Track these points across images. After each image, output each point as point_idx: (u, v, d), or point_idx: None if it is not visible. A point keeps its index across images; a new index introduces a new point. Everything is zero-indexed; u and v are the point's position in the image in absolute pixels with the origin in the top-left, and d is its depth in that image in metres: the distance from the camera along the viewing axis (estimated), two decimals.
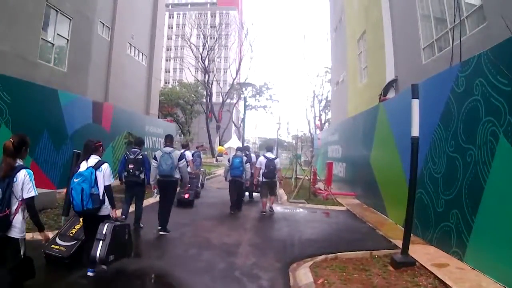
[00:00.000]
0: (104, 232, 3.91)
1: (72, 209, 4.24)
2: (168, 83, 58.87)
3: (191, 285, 4.18)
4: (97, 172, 4.07)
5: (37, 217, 3.17)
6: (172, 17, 73.08)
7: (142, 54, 22.80)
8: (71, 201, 4.02)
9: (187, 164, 7.31)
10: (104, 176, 4.11)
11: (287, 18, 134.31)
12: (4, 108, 7.11)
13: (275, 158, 8.95)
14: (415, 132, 4.77)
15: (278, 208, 9.71)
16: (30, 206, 3.07)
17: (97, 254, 3.84)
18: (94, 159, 4.18)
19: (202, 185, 12.14)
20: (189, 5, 71.64)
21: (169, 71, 70.66)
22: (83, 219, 4.30)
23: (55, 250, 4.35)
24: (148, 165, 6.51)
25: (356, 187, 11.51)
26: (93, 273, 4.04)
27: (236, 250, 5.52)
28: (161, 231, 6.28)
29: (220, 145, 36.86)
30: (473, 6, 8.67)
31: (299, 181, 12.59)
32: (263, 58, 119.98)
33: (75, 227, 4.62)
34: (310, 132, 41.27)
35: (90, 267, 4.04)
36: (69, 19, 13.68)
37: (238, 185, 8.76)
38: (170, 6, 73.21)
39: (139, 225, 6.52)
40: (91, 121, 10.37)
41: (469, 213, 4.89)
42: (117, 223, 4.17)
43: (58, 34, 13.22)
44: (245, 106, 18.78)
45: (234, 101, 44.87)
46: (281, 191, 12.71)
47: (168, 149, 6.41)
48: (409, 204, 4.83)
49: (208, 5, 71.91)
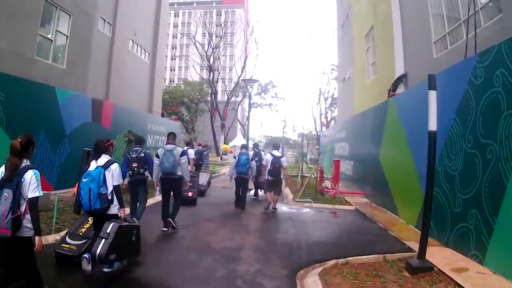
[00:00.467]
0: (108, 231, 3.90)
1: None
2: (173, 82, 58.73)
3: None
4: (106, 172, 4.07)
5: (38, 219, 3.13)
6: (178, 16, 72.91)
7: (145, 51, 22.50)
8: (80, 201, 4.08)
9: (189, 162, 7.21)
10: (113, 176, 4.11)
11: (293, 16, 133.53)
12: None
13: (281, 156, 8.99)
14: (433, 126, 4.40)
15: (284, 208, 9.40)
16: (33, 207, 3.07)
17: (97, 252, 3.81)
18: (104, 159, 4.19)
19: (209, 184, 12.11)
20: (195, 4, 71.34)
21: (174, 70, 70.54)
22: (93, 218, 4.34)
23: (66, 249, 4.42)
24: (151, 162, 6.55)
25: (365, 186, 11.14)
26: (109, 269, 4.07)
27: (238, 255, 5.18)
28: (164, 227, 6.36)
29: (225, 144, 36.59)
30: None
31: (305, 180, 12.26)
32: (269, 56, 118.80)
33: (84, 226, 4.69)
34: (316, 130, 40.94)
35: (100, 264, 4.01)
36: (69, 15, 13.41)
37: (243, 182, 8.91)
38: (176, 5, 73.08)
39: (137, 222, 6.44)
40: (91, 119, 10.02)
41: (490, 214, 4.53)
42: (124, 223, 4.15)
43: (57, 31, 12.95)
44: (250, 103, 18.48)
45: (239, 99, 44.48)
46: (287, 190, 12.37)
47: (170, 147, 6.43)
48: (427, 205, 4.44)
49: (214, 3, 71.53)
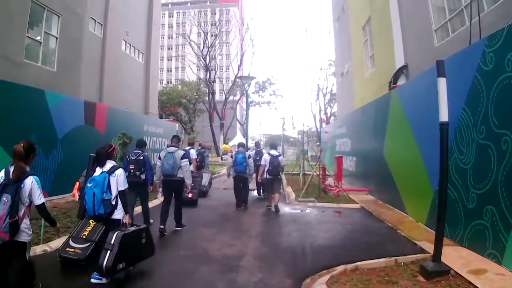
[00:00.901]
0: (112, 242, 3.89)
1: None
2: (170, 83, 58.29)
3: None
4: (111, 177, 4.09)
5: (50, 216, 3.39)
6: (172, 16, 72.41)
7: (139, 52, 22.14)
8: (84, 206, 4.12)
9: (190, 162, 7.09)
10: (118, 181, 4.12)
11: (288, 12, 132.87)
12: None
13: (279, 155, 8.94)
14: (444, 117, 4.03)
15: (286, 209, 9.03)
16: (44, 211, 3.26)
17: (104, 264, 3.82)
18: (109, 164, 4.20)
19: (210, 184, 11.99)
20: (189, 3, 70.84)
21: (171, 71, 70.07)
22: (97, 222, 4.42)
23: (71, 253, 4.43)
24: (149, 166, 6.69)
25: (369, 182, 10.79)
26: (97, 281, 3.96)
27: (239, 264, 4.78)
28: (176, 227, 6.60)
29: (225, 143, 36.24)
30: None
31: (307, 178, 11.88)
32: (265, 53, 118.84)
33: (87, 229, 4.70)
34: (316, 127, 40.59)
35: (96, 273, 3.97)
36: (58, 16, 13.04)
37: (243, 181, 8.98)
38: (170, 5, 72.57)
39: (149, 223, 6.64)
40: (84, 123, 9.72)
41: (508, 209, 4.18)
42: (128, 230, 4.12)
43: (46, 32, 12.60)
44: (247, 101, 18.11)
45: (237, 98, 44.08)
46: (289, 189, 12.01)
47: (172, 149, 6.55)
48: (441, 204, 4.07)
49: (208, 2, 71.07)
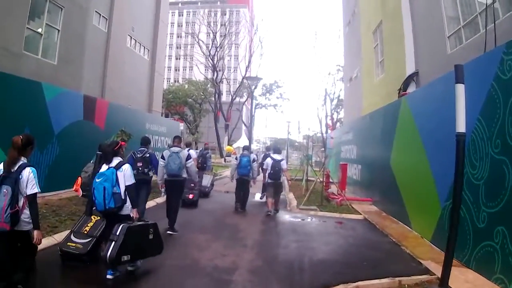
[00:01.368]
0: (117, 233, 3.95)
1: (95, 209, 4.35)
2: (177, 82, 58.23)
3: None
4: (118, 172, 4.17)
5: (37, 215, 3.30)
6: (182, 15, 72.48)
7: (144, 48, 21.91)
8: (93, 201, 4.18)
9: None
10: (125, 176, 4.20)
11: (298, 15, 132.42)
12: None
13: (281, 160, 8.89)
14: (461, 127, 3.67)
15: (287, 217, 8.67)
16: (33, 202, 3.24)
17: (108, 254, 3.87)
18: (116, 160, 4.29)
19: (212, 185, 11.98)
20: (199, 3, 70.83)
21: (179, 70, 70.01)
22: (106, 219, 4.42)
23: (72, 248, 4.45)
24: (156, 163, 6.69)
25: (373, 192, 10.40)
26: (112, 276, 4.03)
27: (231, 278, 4.41)
28: (169, 231, 6.37)
29: (229, 145, 35.96)
30: None
31: (310, 184, 11.52)
32: (274, 56, 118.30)
33: (88, 225, 4.73)
34: (322, 132, 40.19)
35: (111, 270, 4.05)
36: (60, 8, 12.83)
37: (245, 184, 9.03)
38: (180, 4, 72.64)
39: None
40: (82, 118, 9.45)
41: None
42: (135, 224, 4.17)
43: (48, 24, 12.39)
44: (252, 103, 17.81)
45: (244, 100, 43.81)
46: (291, 196, 11.64)
47: (176, 149, 6.55)
48: (453, 223, 3.68)
49: (218, 2, 70.99)
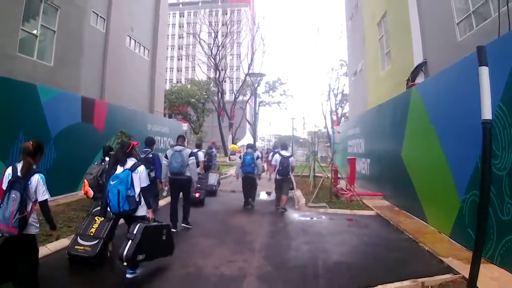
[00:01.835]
0: (134, 232, 4.02)
1: (109, 211, 4.38)
2: (180, 82, 58.09)
3: None
4: (133, 174, 4.20)
5: (51, 218, 3.48)
6: (183, 16, 72.28)
7: (144, 48, 21.67)
8: (108, 203, 4.21)
9: (198, 165, 7.22)
10: (140, 178, 4.23)
11: (300, 11, 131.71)
12: None
13: (290, 156, 8.86)
14: (487, 114, 3.33)
15: (296, 215, 8.32)
16: (45, 208, 3.35)
17: (124, 253, 3.93)
18: (130, 162, 4.31)
19: (219, 183, 12.04)
20: (200, 3, 70.53)
21: (181, 70, 69.87)
22: (120, 220, 4.56)
23: (80, 251, 4.45)
24: (159, 164, 6.82)
25: (384, 186, 10.05)
26: (133, 275, 4.12)
27: (239, 287, 4.06)
28: (183, 223, 6.67)
29: (233, 143, 35.64)
30: None
31: (318, 180, 11.16)
32: (276, 53, 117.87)
33: (93, 226, 4.70)
34: (326, 128, 39.83)
35: (130, 269, 4.14)
36: (56, 9, 12.61)
37: (251, 181, 9.12)
38: (181, 5, 72.44)
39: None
40: (80, 120, 9.20)
41: None
42: (151, 224, 4.24)
43: (43, 25, 12.17)
44: (256, 99, 17.51)
45: (247, 98, 43.50)
46: (298, 193, 11.30)
47: (179, 148, 6.61)
48: (481, 218, 3.35)
49: (219, 2, 70.69)
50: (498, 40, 5.01)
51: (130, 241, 3.96)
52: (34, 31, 11.90)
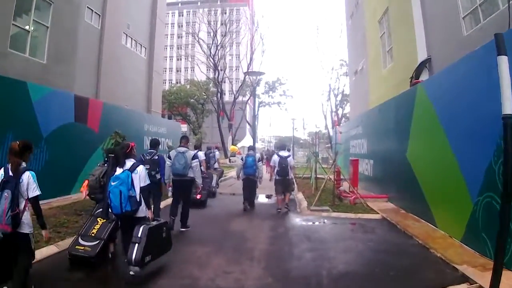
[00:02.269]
0: (140, 235, 4.05)
1: (111, 212, 4.38)
2: (179, 83, 57.79)
3: None
4: (133, 174, 4.19)
5: (41, 216, 3.45)
6: (182, 15, 71.90)
7: (141, 46, 21.27)
8: (109, 204, 4.19)
9: (200, 164, 7.16)
10: (140, 178, 4.24)
11: (299, 11, 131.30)
12: None
13: (288, 156, 8.86)
14: (508, 108, 2.99)
15: (297, 220, 7.93)
16: (35, 205, 3.38)
17: (133, 257, 3.95)
18: (130, 163, 4.32)
19: (218, 185, 11.96)
20: (199, 3, 70.21)
21: (180, 71, 69.47)
22: (121, 221, 4.52)
23: (81, 251, 4.49)
24: (163, 166, 6.71)
25: (388, 188, 9.69)
26: (135, 272, 4.07)
27: None
28: (182, 228, 6.54)
29: (233, 145, 35.33)
30: None
31: (320, 182, 10.78)
32: (275, 53, 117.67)
33: (95, 227, 4.74)
34: (327, 128, 39.56)
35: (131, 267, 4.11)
36: (50, 4, 12.22)
37: (252, 183, 9.04)
38: (180, 4, 72.10)
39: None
40: (73, 120, 8.87)
41: None
42: (152, 224, 4.27)
43: (36, 21, 11.79)
44: (255, 99, 17.21)
45: (247, 99, 43.17)
46: (300, 196, 10.93)
47: (182, 149, 6.60)
48: (503, 225, 3.00)
49: (218, 1, 70.46)
50: None
51: (137, 245, 3.99)
52: (26, 27, 11.54)
